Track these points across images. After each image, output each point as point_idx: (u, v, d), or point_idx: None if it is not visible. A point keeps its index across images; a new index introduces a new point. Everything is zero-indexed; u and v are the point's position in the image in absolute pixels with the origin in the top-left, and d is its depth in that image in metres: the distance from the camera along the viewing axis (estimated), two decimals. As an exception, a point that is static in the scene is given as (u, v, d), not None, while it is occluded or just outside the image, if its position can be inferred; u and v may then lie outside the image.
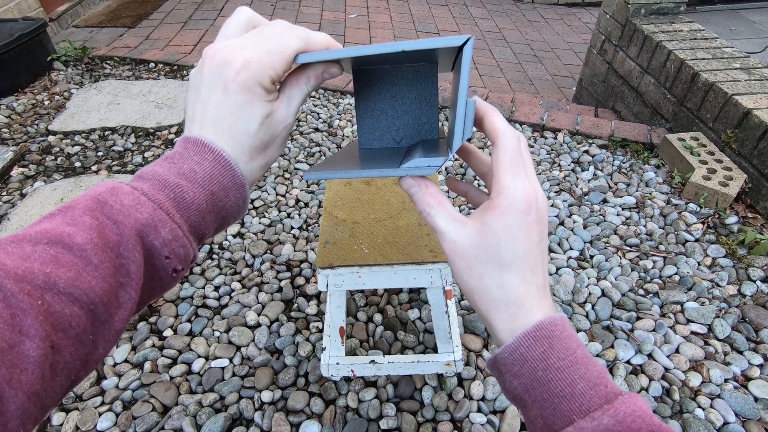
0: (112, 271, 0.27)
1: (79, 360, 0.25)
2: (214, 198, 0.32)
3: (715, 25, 3.74)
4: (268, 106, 0.33)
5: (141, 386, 1.10)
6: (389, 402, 1.06)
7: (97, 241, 0.26)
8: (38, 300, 0.23)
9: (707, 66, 1.79)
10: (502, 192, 0.31)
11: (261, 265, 1.40)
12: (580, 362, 0.29)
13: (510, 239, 0.31)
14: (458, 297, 1.30)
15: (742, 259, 1.40)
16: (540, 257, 0.32)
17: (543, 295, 0.32)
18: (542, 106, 2.31)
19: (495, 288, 0.31)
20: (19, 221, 1.54)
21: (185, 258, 0.31)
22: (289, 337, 1.19)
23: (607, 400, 0.27)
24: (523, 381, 0.30)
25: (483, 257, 0.31)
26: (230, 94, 0.31)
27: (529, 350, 0.30)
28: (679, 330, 1.21)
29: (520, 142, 0.32)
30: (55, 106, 2.17)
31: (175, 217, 0.29)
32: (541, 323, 0.30)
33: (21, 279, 0.23)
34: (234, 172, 0.32)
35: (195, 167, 0.31)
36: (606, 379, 0.29)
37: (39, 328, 0.23)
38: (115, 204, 0.28)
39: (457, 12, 4.12)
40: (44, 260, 0.25)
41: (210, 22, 3.23)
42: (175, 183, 0.30)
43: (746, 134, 1.57)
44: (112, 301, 0.27)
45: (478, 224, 0.32)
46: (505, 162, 0.32)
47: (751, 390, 1.07)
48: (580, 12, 4.49)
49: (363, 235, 0.87)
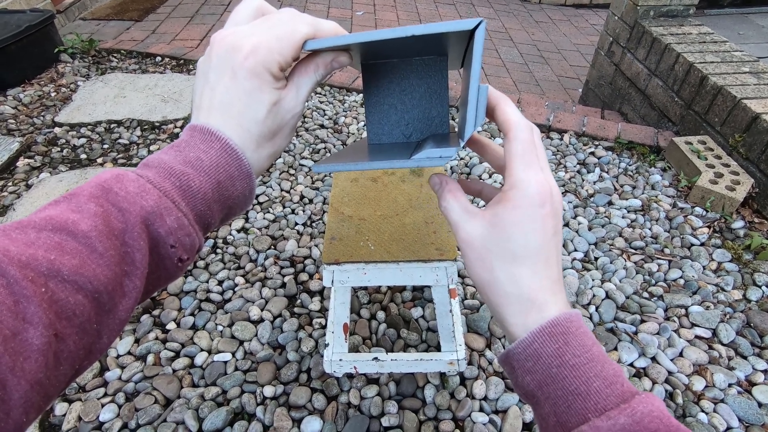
0: (117, 260, 0.26)
1: (83, 349, 0.25)
2: (220, 187, 0.31)
3: (724, 28, 3.71)
4: (277, 93, 0.33)
5: (144, 378, 1.10)
6: (391, 399, 1.06)
7: (102, 229, 0.26)
8: (42, 287, 0.23)
9: (716, 69, 1.78)
10: (515, 185, 0.31)
11: (265, 261, 1.40)
12: (596, 360, 0.28)
13: (522, 232, 0.30)
14: (462, 296, 1.30)
15: (747, 264, 1.39)
16: (554, 251, 0.31)
17: (557, 289, 0.31)
18: (548, 107, 2.30)
19: (507, 281, 0.31)
20: (24, 212, 1.54)
21: (191, 247, 0.30)
22: (291, 332, 1.19)
23: (624, 399, 0.27)
24: (537, 377, 0.29)
25: (494, 249, 0.31)
26: (238, 79, 0.31)
27: (544, 346, 0.29)
28: (684, 334, 1.20)
29: (533, 133, 0.32)
30: (62, 98, 2.18)
31: (180, 205, 0.29)
32: (556, 319, 0.29)
33: (25, 265, 0.23)
34: (241, 160, 0.32)
35: (201, 155, 0.31)
36: (622, 378, 0.28)
37: (43, 315, 0.22)
38: (120, 191, 0.27)
39: (464, 11, 4.11)
40: (48, 247, 0.24)
41: (217, 17, 3.23)
42: (181, 171, 0.30)
43: (754, 139, 1.56)
44: (117, 289, 0.26)
45: (489, 216, 0.31)
46: (517, 154, 0.31)
47: (755, 395, 1.07)
48: (587, 13, 4.47)
49: (369, 232, 0.87)
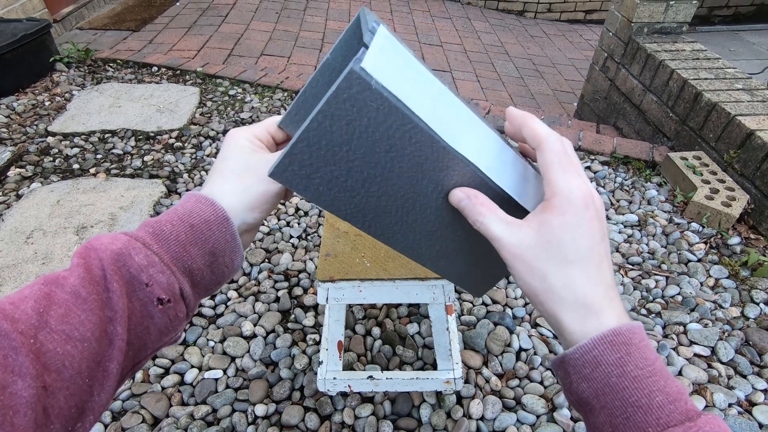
0: (99, 304, 0.28)
1: (75, 407, 0.25)
2: (194, 230, 0.33)
3: (715, 45, 3.78)
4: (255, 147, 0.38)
5: (131, 396, 1.07)
6: (386, 419, 1.04)
7: (85, 275, 0.28)
8: (31, 339, 0.24)
9: (710, 86, 1.80)
10: (557, 192, 0.30)
11: (258, 274, 1.38)
12: (659, 374, 0.27)
13: (571, 236, 0.30)
14: (459, 312, 1.28)
15: (745, 280, 1.38)
16: (605, 255, 0.31)
17: (613, 295, 0.30)
18: (544, 120, 2.31)
19: (561, 287, 0.30)
20: (14, 222, 1.51)
21: (168, 287, 0.31)
22: (285, 349, 1.17)
23: (689, 417, 0.26)
24: (594, 385, 0.28)
25: (543, 256, 0.30)
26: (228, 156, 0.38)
27: (605, 354, 0.28)
28: (682, 352, 1.19)
29: (563, 144, 0.32)
30: (56, 107, 2.16)
31: (151, 246, 0.31)
32: (619, 328, 0.29)
33: (16, 320, 0.24)
34: (215, 206, 0.34)
35: (178, 207, 0.34)
36: (686, 397, 0.27)
37: (30, 366, 0.23)
38: (96, 244, 0.31)
39: (461, 25, 4.15)
40: (38, 297, 0.26)
41: (214, 28, 3.24)
42: (155, 221, 0.33)
43: (749, 155, 1.57)
44: (102, 337, 0.27)
45: (536, 224, 0.31)
46: (554, 163, 0.31)
47: (756, 416, 1.05)
48: (581, 28, 4.53)
49: (365, 248, 0.85)
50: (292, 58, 2.99)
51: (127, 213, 1.57)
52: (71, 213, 1.56)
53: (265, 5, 3.76)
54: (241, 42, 3.08)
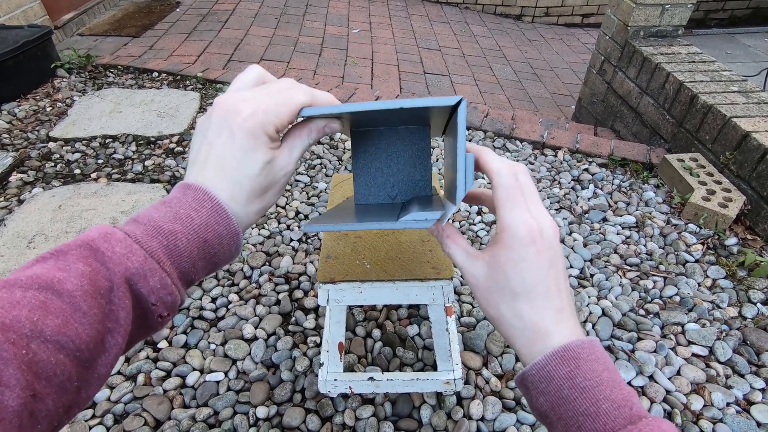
0: (101, 317, 0.27)
1: (62, 407, 0.25)
2: (207, 245, 0.33)
3: (711, 48, 3.80)
4: (271, 153, 0.35)
5: (133, 399, 1.07)
6: (387, 420, 1.04)
7: (88, 288, 0.27)
8: (23, 349, 0.23)
9: (706, 88, 1.82)
10: (505, 227, 0.33)
11: (259, 277, 1.38)
12: (606, 384, 0.30)
13: (517, 271, 0.33)
14: (458, 313, 1.29)
15: (742, 280, 1.39)
16: (553, 282, 0.33)
17: (563, 317, 0.33)
18: (542, 123, 2.33)
19: (511, 316, 0.33)
20: (16, 227, 1.52)
21: (172, 305, 0.31)
22: (286, 351, 1.18)
23: (631, 421, 0.28)
24: (549, 398, 0.31)
25: (494, 289, 0.34)
26: (236, 139, 0.33)
27: (556, 369, 0.31)
28: (680, 351, 1.20)
29: (516, 176, 0.34)
30: (57, 112, 2.17)
31: (165, 265, 0.30)
32: (568, 345, 0.31)
33: (8, 328, 0.23)
34: (230, 220, 0.33)
35: (192, 213, 0.32)
36: (632, 402, 0.29)
37: (20, 377, 0.23)
38: (107, 251, 0.28)
39: (459, 29, 4.18)
40: (33, 306, 0.25)
41: (214, 34, 3.26)
42: (169, 230, 0.31)
43: (745, 156, 1.59)
44: (98, 347, 0.27)
45: (488, 257, 0.34)
46: (502, 199, 0.34)
47: (754, 415, 1.06)
48: (578, 32, 4.57)
49: (365, 250, 0.86)
50: (292, 63, 3.01)
51: (129, 217, 1.58)
52: (73, 218, 1.57)
53: (264, 11, 3.78)
54: (241, 47, 3.10)
